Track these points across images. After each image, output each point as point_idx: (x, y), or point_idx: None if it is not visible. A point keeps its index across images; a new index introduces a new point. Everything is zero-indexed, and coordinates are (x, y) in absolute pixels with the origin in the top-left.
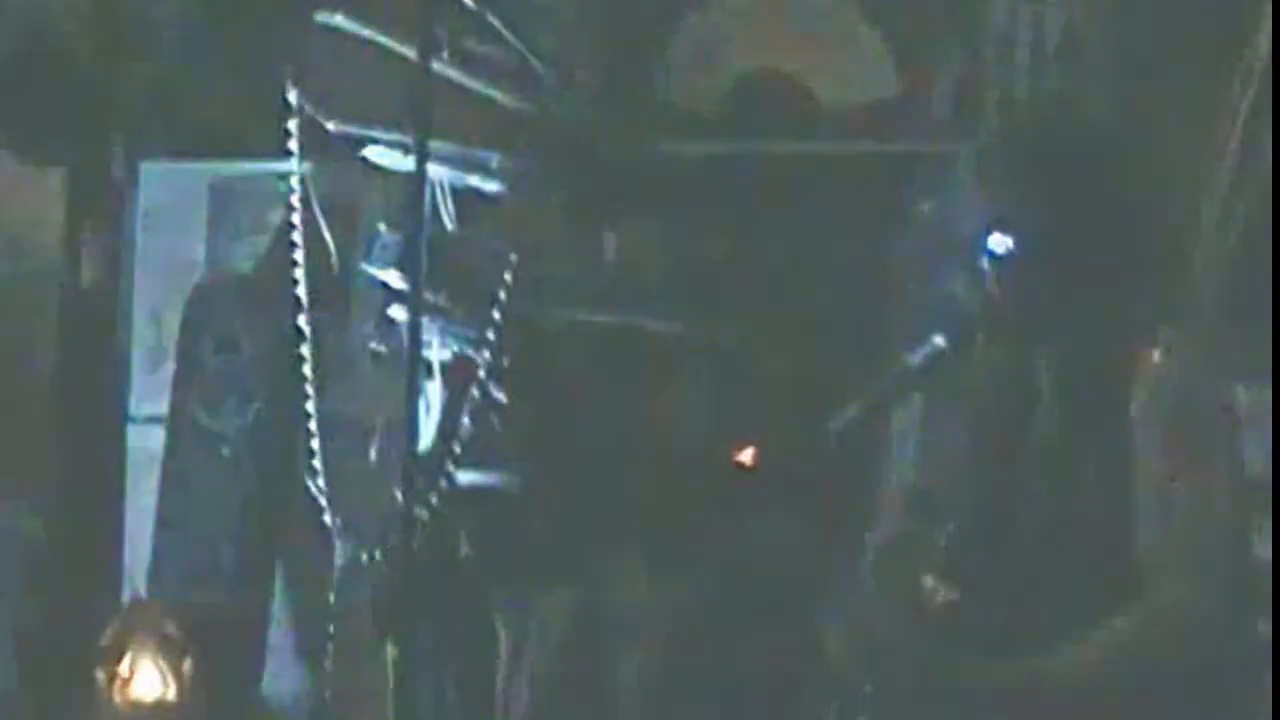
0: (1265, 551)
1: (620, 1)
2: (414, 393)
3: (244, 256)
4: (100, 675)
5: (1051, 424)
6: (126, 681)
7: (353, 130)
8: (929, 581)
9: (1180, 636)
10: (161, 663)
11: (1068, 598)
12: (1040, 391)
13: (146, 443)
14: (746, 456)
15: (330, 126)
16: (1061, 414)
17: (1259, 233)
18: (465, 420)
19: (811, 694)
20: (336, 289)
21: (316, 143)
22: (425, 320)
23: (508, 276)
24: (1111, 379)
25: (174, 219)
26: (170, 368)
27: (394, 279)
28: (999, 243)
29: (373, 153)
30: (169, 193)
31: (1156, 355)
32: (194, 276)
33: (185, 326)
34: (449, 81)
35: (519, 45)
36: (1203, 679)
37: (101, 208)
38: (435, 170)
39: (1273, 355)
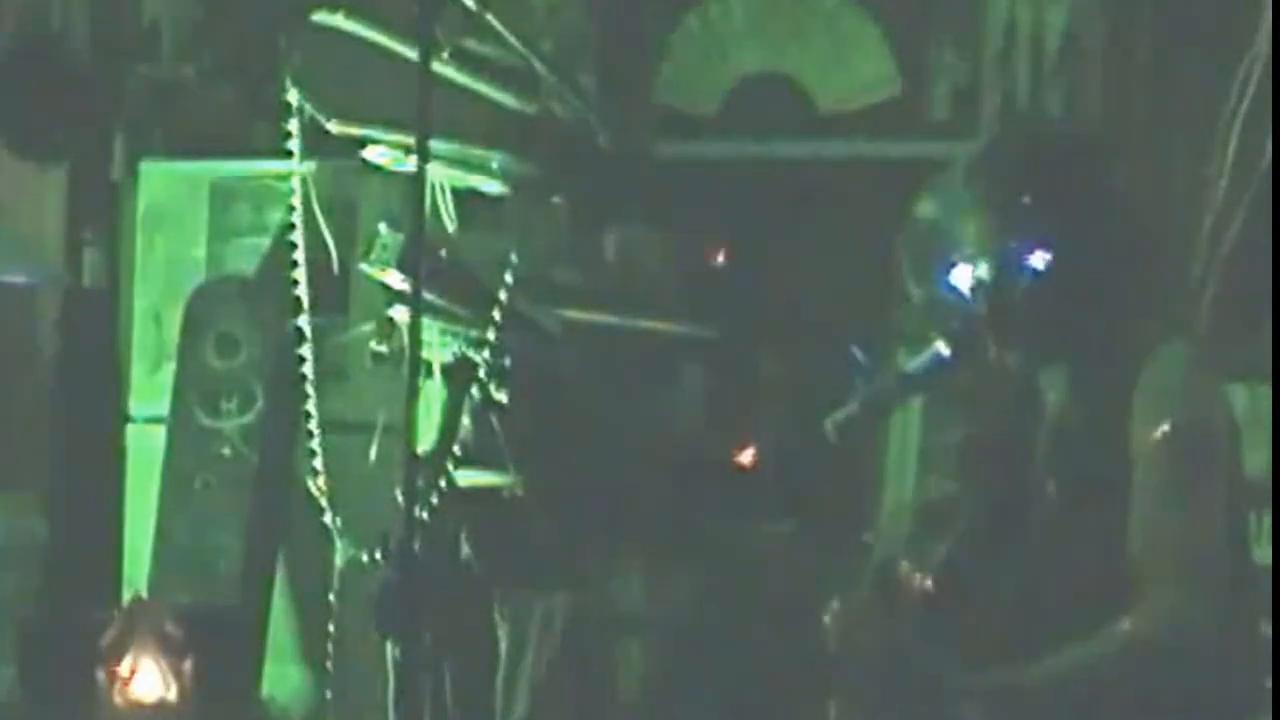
0: (1265, 553)
1: (620, 2)
2: (414, 393)
3: (244, 256)
4: (101, 675)
5: (1052, 431)
6: (127, 681)
7: (353, 130)
8: (905, 566)
9: (1179, 642)
10: (162, 663)
11: (1067, 604)
12: (1040, 397)
13: (146, 443)
14: (746, 457)
15: (330, 126)
16: (1062, 420)
17: (1259, 233)
18: (465, 421)
19: (811, 694)
20: (336, 289)
21: (316, 143)
22: (425, 321)
23: (508, 276)
24: (1112, 384)
25: (174, 219)
26: (170, 368)
27: (394, 279)
28: (997, 250)
29: (373, 153)
30: (169, 193)
31: (1157, 358)
32: (194, 276)
33: (185, 326)
34: (449, 81)
35: (519, 45)
36: (1202, 680)
37: (101, 208)
38: (435, 170)
39: (1273, 355)
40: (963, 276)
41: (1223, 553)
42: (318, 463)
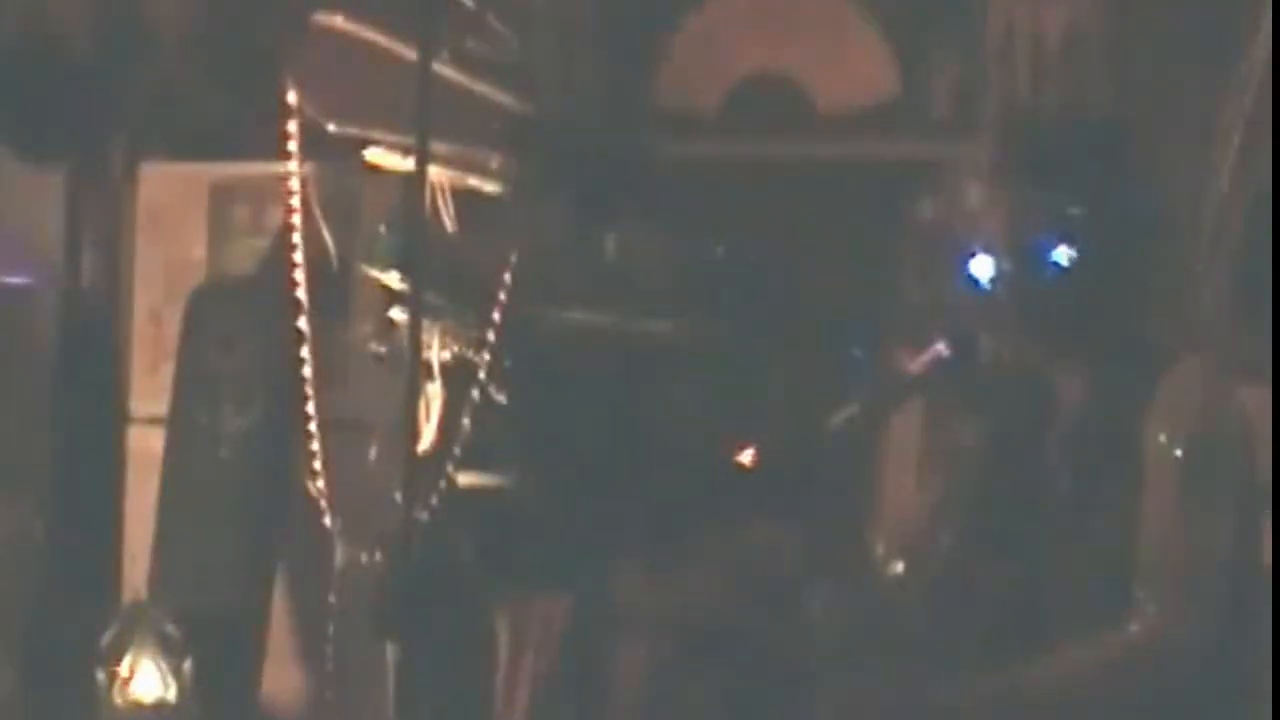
0: (1265, 554)
1: (620, 2)
2: (414, 394)
3: (244, 257)
4: (100, 676)
5: (1062, 434)
6: (126, 682)
7: (353, 130)
8: (880, 548)
9: (1179, 650)
10: (161, 663)
11: (1070, 608)
12: (1041, 398)
13: (146, 443)
14: (746, 457)
15: (330, 127)
16: (1063, 422)
17: (1259, 233)
18: (465, 421)
19: (810, 695)
20: (336, 290)
21: (316, 143)
22: (425, 321)
23: (508, 277)
24: (1115, 387)
25: (174, 219)
26: (170, 368)
27: (394, 280)
28: (1000, 249)
29: (373, 153)
30: (169, 193)
31: (1175, 366)
32: (194, 277)
33: (185, 327)
34: (449, 81)
35: (519, 45)
36: (1202, 682)
37: (101, 208)
38: (435, 171)
39: (1273, 355)
40: (967, 274)
41: (1229, 564)
42: (317, 464)
